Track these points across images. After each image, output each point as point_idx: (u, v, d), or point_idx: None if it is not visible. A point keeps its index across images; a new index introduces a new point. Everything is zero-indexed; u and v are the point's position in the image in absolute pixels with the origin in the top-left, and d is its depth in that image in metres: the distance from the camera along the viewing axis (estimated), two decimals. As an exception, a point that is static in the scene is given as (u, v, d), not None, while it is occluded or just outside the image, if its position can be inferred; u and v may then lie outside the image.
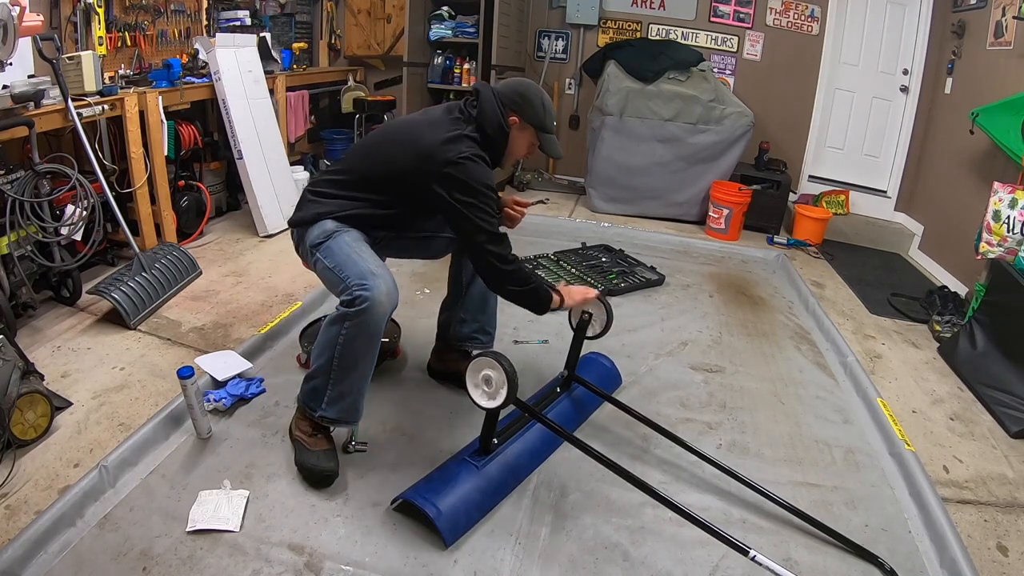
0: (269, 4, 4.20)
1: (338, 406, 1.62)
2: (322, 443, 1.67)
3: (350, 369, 1.59)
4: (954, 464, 1.93)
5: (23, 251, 2.23)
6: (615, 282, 3.04)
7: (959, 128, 3.34)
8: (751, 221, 4.03)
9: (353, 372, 1.59)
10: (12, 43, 2.17)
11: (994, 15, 3.28)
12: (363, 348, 1.56)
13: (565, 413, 1.88)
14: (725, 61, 4.59)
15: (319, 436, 1.68)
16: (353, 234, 1.67)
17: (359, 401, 1.65)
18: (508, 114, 1.68)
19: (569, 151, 4.99)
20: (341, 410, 1.63)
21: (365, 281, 1.51)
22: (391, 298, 1.54)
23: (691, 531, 1.43)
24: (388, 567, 1.40)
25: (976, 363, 2.44)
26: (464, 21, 4.36)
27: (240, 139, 3.27)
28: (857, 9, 4.30)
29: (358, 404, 1.65)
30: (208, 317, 2.48)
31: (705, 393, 2.20)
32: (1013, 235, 2.48)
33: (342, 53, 4.88)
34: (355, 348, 1.55)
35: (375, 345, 1.58)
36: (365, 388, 1.64)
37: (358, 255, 1.59)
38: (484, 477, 1.57)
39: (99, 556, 1.37)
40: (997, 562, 1.56)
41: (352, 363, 1.58)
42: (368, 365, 1.60)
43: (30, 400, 1.70)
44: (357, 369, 1.59)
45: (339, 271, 1.57)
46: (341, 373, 1.59)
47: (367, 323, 1.52)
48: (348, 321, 1.53)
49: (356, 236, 1.67)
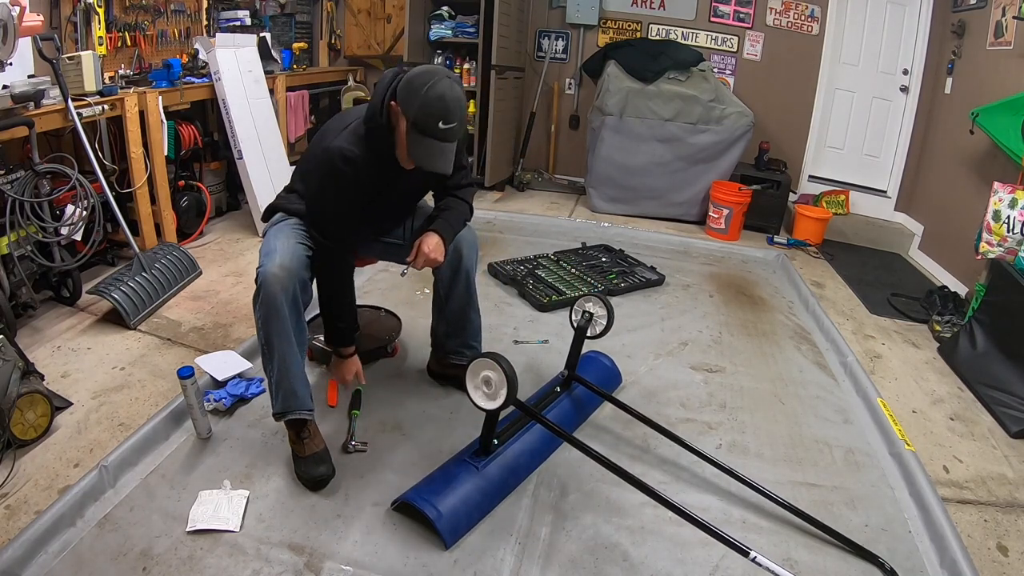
0: (269, 4, 4.20)
1: (279, 397, 1.62)
2: (312, 446, 1.65)
3: (273, 354, 1.59)
4: (954, 464, 1.93)
5: (23, 251, 2.23)
6: (615, 282, 3.04)
7: (959, 128, 3.34)
8: (751, 221, 4.03)
9: (276, 357, 1.59)
10: (12, 43, 2.17)
11: (994, 15, 3.28)
12: (274, 328, 1.56)
13: (565, 413, 1.88)
14: (725, 61, 4.59)
15: (306, 440, 1.65)
16: (288, 223, 1.69)
17: (295, 385, 1.61)
18: (389, 101, 1.51)
19: (569, 151, 5.02)
20: (282, 400, 1.62)
21: (261, 261, 1.56)
22: (283, 271, 1.53)
23: (691, 531, 1.43)
24: (388, 567, 1.40)
25: (976, 363, 2.44)
26: (464, 21, 4.35)
27: (240, 139, 3.27)
28: (857, 9, 4.30)
29: (295, 389, 1.62)
30: (208, 317, 2.48)
31: (705, 393, 2.20)
32: (1013, 235, 2.48)
33: (342, 53, 4.88)
34: (268, 329, 1.57)
35: (284, 324, 1.56)
36: (295, 370, 1.61)
37: (272, 239, 1.62)
38: (484, 478, 1.57)
39: (99, 556, 1.37)
40: (997, 562, 1.56)
41: (271, 346, 1.59)
42: (286, 346, 1.58)
43: (30, 400, 1.70)
44: (277, 352, 1.58)
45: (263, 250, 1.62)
46: (269, 361, 1.61)
47: (265, 300, 1.54)
48: (256, 303, 1.57)
49: (288, 224, 1.68)
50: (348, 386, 1.92)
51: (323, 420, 1.84)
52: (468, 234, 1.87)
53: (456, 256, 1.85)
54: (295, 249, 1.59)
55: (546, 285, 2.91)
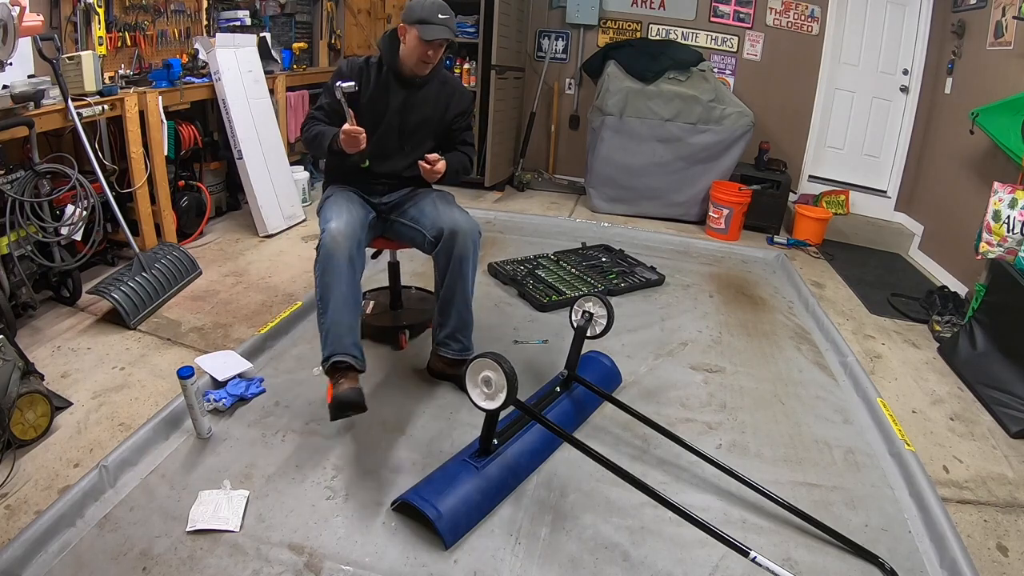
0: (269, 4, 4.19)
1: (328, 342, 1.76)
2: (349, 383, 1.73)
3: (327, 304, 1.77)
4: (954, 464, 1.93)
5: (23, 251, 2.23)
6: (615, 282, 3.04)
7: (959, 128, 3.34)
8: (751, 221, 4.03)
9: (330, 306, 1.76)
10: (12, 43, 2.16)
11: (994, 15, 3.28)
12: (330, 281, 1.76)
13: (565, 413, 1.88)
14: (725, 61, 4.59)
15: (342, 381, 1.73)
16: (340, 194, 1.98)
17: (343, 334, 1.75)
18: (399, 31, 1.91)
19: (569, 151, 5.02)
20: (331, 344, 1.75)
21: (323, 225, 1.83)
22: (343, 233, 1.78)
23: (691, 531, 1.43)
24: (388, 567, 1.40)
25: (976, 363, 2.44)
26: (464, 21, 4.35)
27: (240, 139, 3.27)
28: (857, 9, 4.30)
29: (342, 336, 1.75)
30: (208, 317, 2.48)
31: (705, 393, 2.20)
32: (1013, 235, 2.48)
33: (342, 53, 4.88)
34: (323, 282, 1.77)
35: (338, 276, 1.76)
36: (346, 321, 1.76)
37: (330, 207, 1.90)
38: (484, 478, 1.57)
39: (99, 556, 1.37)
40: (997, 562, 1.56)
41: (326, 297, 1.77)
42: (339, 297, 1.76)
43: (30, 400, 1.70)
44: (331, 304, 1.76)
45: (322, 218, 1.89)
46: (323, 310, 1.78)
47: (325, 256, 1.77)
48: (316, 262, 1.80)
49: (341, 195, 1.97)
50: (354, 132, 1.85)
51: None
52: (466, 224, 1.92)
53: (450, 242, 1.90)
54: (353, 212, 1.87)
55: (546, 285, 2.91)
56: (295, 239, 3.43)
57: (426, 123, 2.03)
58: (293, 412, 1.91)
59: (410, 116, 2.00)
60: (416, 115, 2.01)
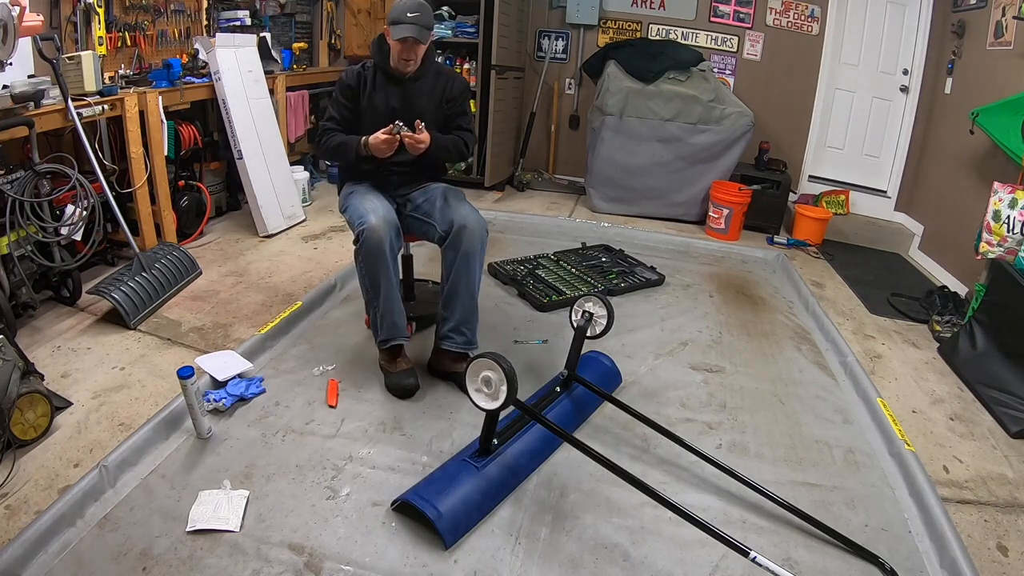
0: (269, 4, 4.19)
1: (384, 327, 1.99)
2: (401, 364, 2.04)
3: (377, 292, 1.95)
4: (954, 464, 1.93)
5: (23, 251, 2.23)
6: (615, 282, 3.04)
7: (959, 128, 3.34)
8: (751, 221, 4.03)
9: (380, 294, 1.95)
10: (12, 43, 2.17)
11: (994, 15, 3.28)
12: (377, 271, 1.91)
13: (565, 413, 1.88)
14: (725, 61, 4.59)
15: (397, 360, 2.04)
16: (361, 188, 2.08)
17: (396, 317, 1.99)
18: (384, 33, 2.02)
19: (569, 151, 5.02)
20: (387, 329, 2.00)
21: (362, 219, 1.90)
22: (384, 224, 1.87)
23: (691, 531, 1.43)
24: (388, 567, 1.40)
25: (976, 363, 2.44)
26: (464, 21, 4.35)
27: (240, 139, 3.27)
28: (857, 9, 4.30)
29: (396, 320, 1.99)
30: (208, 317, 2.48)
31: (705, 393, 2.20)
32: (1013, 235, 2.48)
33: (342, 53, 4.88)
34: (372, 273, 1.92)
35: (386, 265, 1.91)
36: (395, 304, 1.98)
37: (359, 202, 1.98)
38: (484, 478, 1.57)
39: (99, 556, 1.37)
40: (997, 562, 1.56)
41: (376, 286, 1.94)
42: (389, 284, 1.93)
43: (30, 400, 1.70)
44: (382, 289, 1.94)
45: (350, 221, 1.99)
46: (374, 299, 1.97)
47: (371, 249, 1.88)
48: (359, 255, 1.92)
49: (364, 188, 2.07)
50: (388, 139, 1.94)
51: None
52: (475, 221, 1.98)
53: (458, 237, 1.96)
54: (384, 203, 1.99)
55: (546, 285, 2.91)
56: (295, 239, 3.43)
57: (424, 114, 2.07)
58: (293, 412, 1.91)
59: (409, 109, 2.07)
60: (415, 107, 2.08)
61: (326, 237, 3.48)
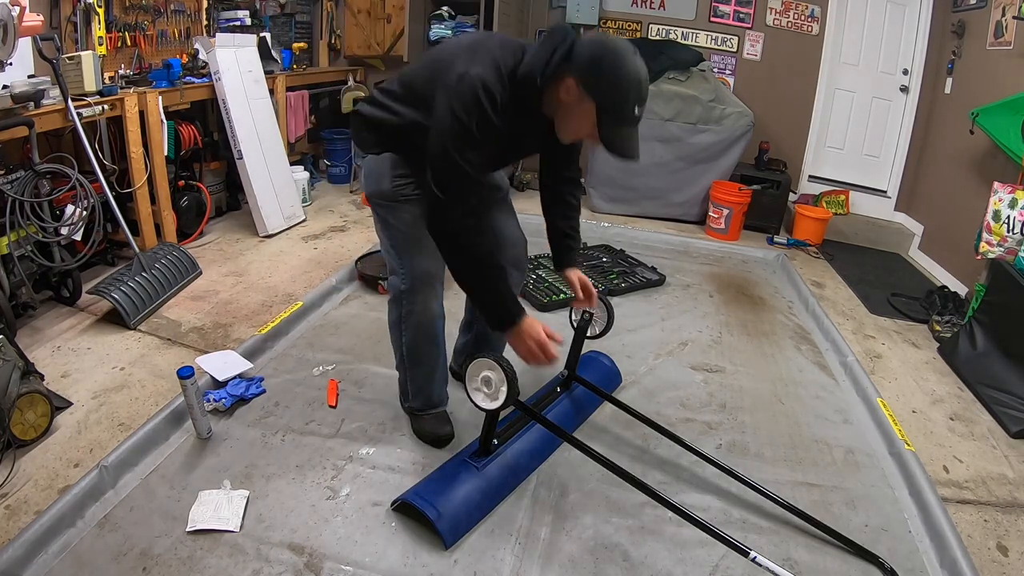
0: (269, 4, 4.20)
1: (419, 398, 1.80)
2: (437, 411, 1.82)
3: (416, 365, 1.75)
4: (954, 464, 1.93)
5: (23, 251, 2.23)
6: (615, 282, 3.04)
7: (959, 128, 3.34)
8: (751, 221, 4.03)
9: (419, 367, 1.75)
10: (12, 43, 2.16)
11: (994, 15, 3.28)
12: (424, 347, 1.71)
13: (565, 413, 1.88)
14: (725, 61, 4.59)
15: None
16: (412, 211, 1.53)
17: (434, 389, 1.79)
18: (562, 73, 1.32)
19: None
20: (422, 401, 1.80)
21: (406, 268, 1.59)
22: (436, 279, 1.62)
23: (691, 531, 1.43)
24: (388, 567, 1.40)
25: (976, 363, 2.44)
26: (464, 21, 4.35)
27: (240, 139, 3.27)
28: (857, 9, 4.29)
29: (433, 392, 1.79)
30: (208, 317, 2.48)
31: (705, 393, 2.20)
32: (1013, 235, 2.48)
33: (342, 53, 4.87)
34: (417, 345, 1.70)
35: (437, 344, 1.72)
36: (437, 377, 1.78)
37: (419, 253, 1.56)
38: (484, 478, 1.57)
39: (99, 556, 1.37)
40: (997, 562, 1.56)
41: (416, 360, 1.74)
42: (432, 360, 1.74)
43: (30, 400, 1.70)
44: (422, 365, 1.74)
45: (395, 268, 1.63)
46: (412, 369, 1.76)
47: (421, 324, 1.66)
48: (405, 324, 1.67)
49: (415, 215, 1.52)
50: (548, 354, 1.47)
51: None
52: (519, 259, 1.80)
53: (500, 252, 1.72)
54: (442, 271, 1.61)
55: (546, 285, 2.91)
56: (295, 239, 3.43)
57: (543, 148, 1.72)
58: (293, 412, 1.91)
59: (529, 144, 1.68)
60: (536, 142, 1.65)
61: (326, 237, 3.48)
